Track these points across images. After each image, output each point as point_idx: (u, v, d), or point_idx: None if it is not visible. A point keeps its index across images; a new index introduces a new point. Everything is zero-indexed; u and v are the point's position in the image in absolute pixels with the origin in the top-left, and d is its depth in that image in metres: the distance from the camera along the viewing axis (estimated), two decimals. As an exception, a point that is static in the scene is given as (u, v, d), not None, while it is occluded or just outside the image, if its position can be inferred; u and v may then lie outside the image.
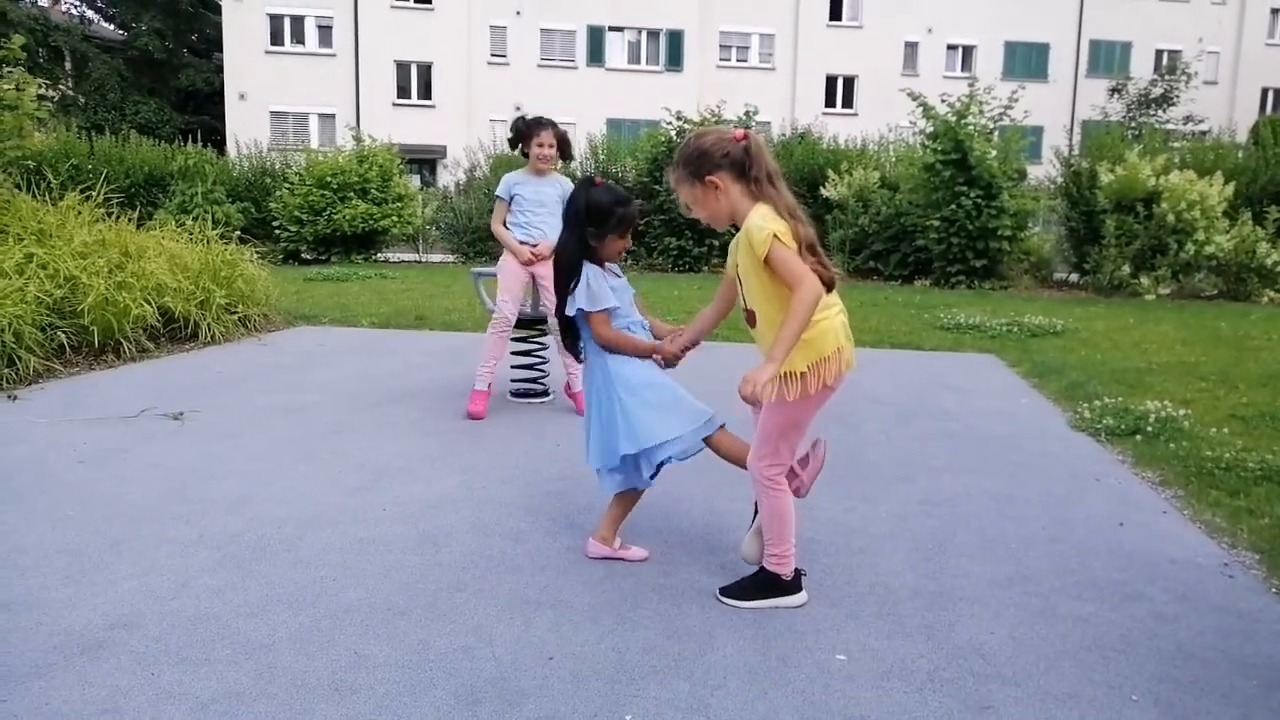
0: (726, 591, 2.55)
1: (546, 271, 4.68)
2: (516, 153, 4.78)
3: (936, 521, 3.22)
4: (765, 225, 2.25)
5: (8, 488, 3.40)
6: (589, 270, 2.71)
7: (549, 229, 4.67)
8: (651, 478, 2.75)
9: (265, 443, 4.11)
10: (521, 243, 4.70)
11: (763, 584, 2.53)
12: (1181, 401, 5.02)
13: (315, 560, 2.78)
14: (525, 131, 4.64)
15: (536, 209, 4.70)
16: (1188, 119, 27.55)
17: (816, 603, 2.53)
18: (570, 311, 2.75)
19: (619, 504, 2.83)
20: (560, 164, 4.78)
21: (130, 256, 6.48)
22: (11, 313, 5.19)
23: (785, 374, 2.32)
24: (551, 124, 4.69)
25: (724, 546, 2.93)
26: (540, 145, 4.61)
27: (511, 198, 4.74)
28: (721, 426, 2.74)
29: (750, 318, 2.45)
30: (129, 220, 7.21)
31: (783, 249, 2.23)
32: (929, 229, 12.37)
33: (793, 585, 2.52)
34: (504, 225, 4.78)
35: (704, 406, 2.74)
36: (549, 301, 4.70)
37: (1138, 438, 4.31)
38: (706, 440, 2.71)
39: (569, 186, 4.77)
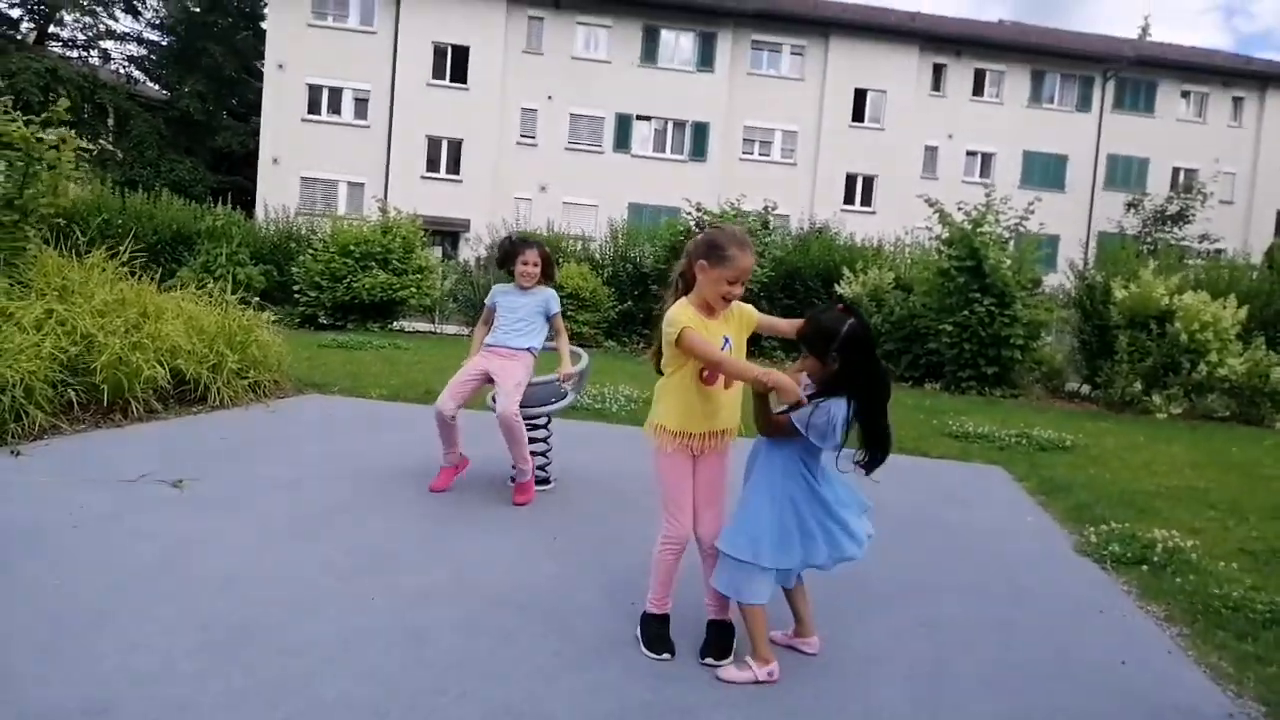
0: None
1: (501, 367, 4.66)
2: (505, 271, 4.95)
3: (934, 646, 3.14)
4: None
5: (-1, 550, 3.38)
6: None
7: (514, 338, 4.77)
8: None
9: (262, 516, 4.09)
10: (489, 347, 4.79)
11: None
12: (1190, 530, 4.94)
13: (299, 649, 2.73)
14: (511, 250, 4.88)
15: (507, 314, 4.84)
16: (1203, 237, 27.82)
17: (806, 730, 2.46)
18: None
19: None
20: (544, 282, 4.90)
21: (148, 317, 6.55)
22: (25, 368, 5.23)
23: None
24: (538, 244, 4.92)
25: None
26: (525, 263, 4.81)
27: (495, 305, 4.90)
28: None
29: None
30: (151, 279, 7.31)
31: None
32: (941, 333, 12.42)
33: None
34: (484, 328, 4.94)
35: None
36: (501, 399, 4.58)
37: (1144, 568, 4.23)
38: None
39: (548, 295, 4.90)
